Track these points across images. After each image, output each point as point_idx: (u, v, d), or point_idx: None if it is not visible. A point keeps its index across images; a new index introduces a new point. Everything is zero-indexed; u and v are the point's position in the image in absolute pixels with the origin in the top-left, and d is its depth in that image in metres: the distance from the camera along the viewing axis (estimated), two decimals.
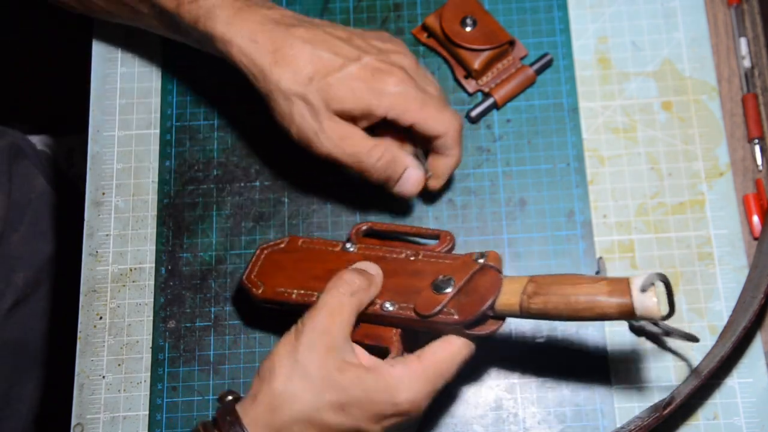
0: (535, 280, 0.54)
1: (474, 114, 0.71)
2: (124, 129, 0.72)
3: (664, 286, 0.53)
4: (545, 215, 0.68)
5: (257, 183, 0.70)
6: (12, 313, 0.84)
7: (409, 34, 0.74)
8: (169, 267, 0.68)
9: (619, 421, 0.63)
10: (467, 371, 0.64)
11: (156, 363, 0.66)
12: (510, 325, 0.66)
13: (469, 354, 0.56)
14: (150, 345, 0.66)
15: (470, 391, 0.64)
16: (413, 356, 0.54)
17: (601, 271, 0.66)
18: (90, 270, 0.68)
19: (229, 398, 0.55)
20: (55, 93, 1.24)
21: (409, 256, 0.59)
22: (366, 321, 0.58)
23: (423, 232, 0.63)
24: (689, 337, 0.62)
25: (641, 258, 0.67)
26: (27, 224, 0.87)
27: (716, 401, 0.63)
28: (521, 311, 0.54)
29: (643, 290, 0.51)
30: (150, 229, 0.69)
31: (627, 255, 0.67)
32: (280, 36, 0.60)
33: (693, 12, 0.73)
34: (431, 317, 0.55)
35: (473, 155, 0.70)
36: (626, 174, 0.69)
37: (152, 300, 0.67)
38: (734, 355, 0.64)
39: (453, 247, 0.61)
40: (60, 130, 1.21)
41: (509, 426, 0.63)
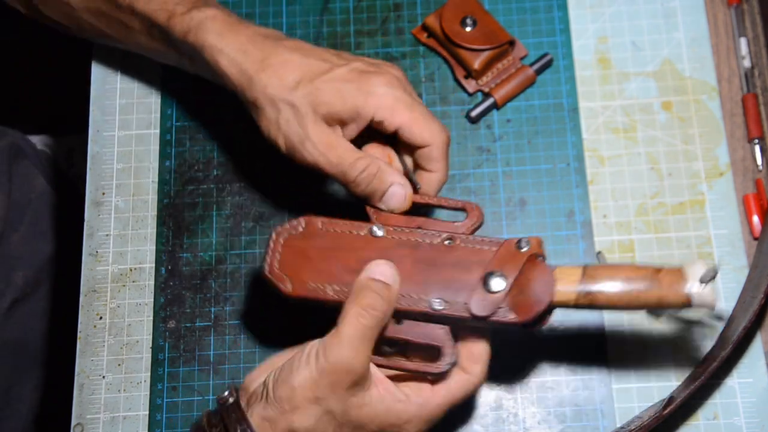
0: (589, 273, 0.54)
1: (474, 114, 0.71)
2: (124, 129, 0.72)
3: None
4: (545, 215, 0.68)
5: (257, 183, 0.70)
6: (11, 313, 0.84)
7: (409, 34, 0.74)
8: (169, 267, 0.68)
9: (619, 421, 0.63)
10: None
11: (156, 363, 0.66)
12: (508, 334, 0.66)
13: (481, 384, 0.56)
14: (150, 345, 0.66)
15: None
16: (428, 389, 0.55)
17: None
18: (90, 270, 0.68)
19: (231, 401, 0.54)
20: (55, 93, 1.24)
21: (444, 241, 0.57)
22: (411, 318, 0.56)
23: (446, 204, 0.60)
24: (719, 317, 0.62)
25: (641, 258, 0.67)
26: (27, 224, 0.87)
27: (716, 401, 0.63)
28: (576, 305, 0.54)
29: (701, 281, 0.52)
30: (150, 229, 0.69)
31: (627, 255, 0.67)
32: (269, 46, 0.60)
33: (693, 12, 0.73)
34: (488, 318, 0.54)
35: (473, 155, 0.70)
36: (626, 174, 0.69)
37: (152, 300, 0.67)
38: (734, 355, 0.64)
39: (482, 222, 0.59)
40: (60, 130, 1.21)
41: (509, 426, 0.63)
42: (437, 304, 0.55)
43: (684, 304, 0.53)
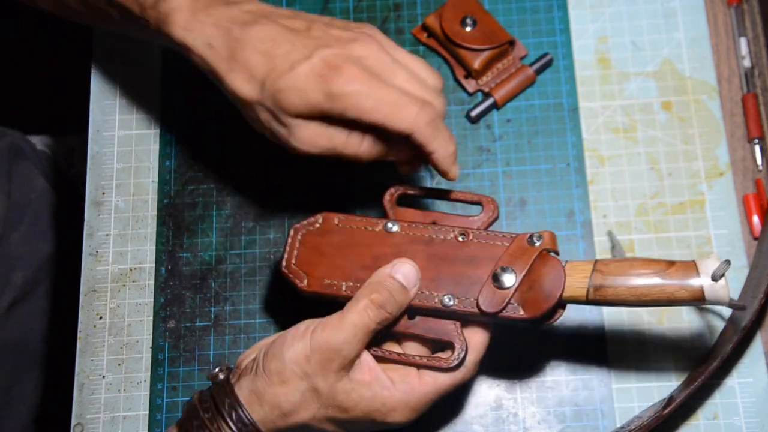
0: (600, 269, 0.54)
1: (474, 114, 0.71)
2: (124, 129, 0.72)
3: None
4: (545, 215, 0.68)
5: (257, 182, 0.70)
6: (11, 313, 0.84)
7: (409, 34, 0.74)
8: (169, 267, 0.68)
9: (619, 421, 0.63)
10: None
11: (156, 363, 0.66)
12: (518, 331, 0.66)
13: (471, 376, 0.57)
14: (150, 345, 0.66)
15: (470, 391, 0.64)
16: (415, 375, 0.55)
17: (615, 245, 0.65)
18: (90, 270, 0.68)
19: (221, 377, 0.55)
20: (55, 93, 1.24)
21: (458, 236, 0.57)
22: (422, 314, 0.56)
23: (462, 198, 0.60)
24: (739, 307, 0.61)
25: (626, 250, 0.67)
26: (27, 224, 0.87)
27: (716, 401, 0.63)
28: (587, 301, 0.54)
29: (714, 279, 0.52)
30: (150, 229, 0.69)
31: (627, 255, 0.67)
32: (235, 38, 0.56)
33: (693, 12, 0.73)
34: (497, 314, 0.54)
35: (473, 155, 0.70)
36: (626, 174, 0.69)
37: (152, 300, 0.67)
38: (734, 355, 0.64)
39: (498, 216, 0.59)
40: (60, 130, 1.21)
41: (509, 426, 0.63)
42: (448, 300, 0.55)
43: (696, 300, 0.52)
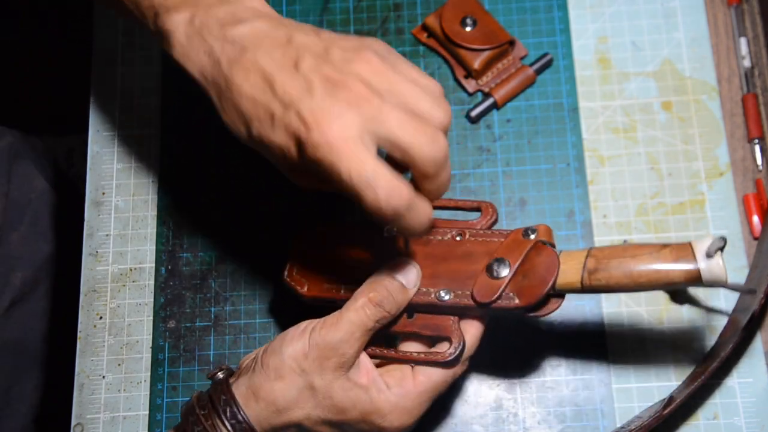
0: (594, 255, 0.53)
1: (474, 114, 0.71)
2: (124, 129, 0.72)
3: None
4: (545, 215, 0.68)
5: (257, 182, 0.70)
6: (10, 313, 0.84)
7: (409, 34, 0.74)
8: (169, 267, 0.68)
9: (619, 421, 0.63)
10: (468, 371, 0.64)
11: (156, 363, 0.66)
12: (510, 325, 0.66)
13: (462, 370, 0.57)
14: (150, 345, 0.66)
15: (470, 391, 0.64)
16: (410, 378, 0.55)
17: None
18: (90, 270, 0.68)
19: (220, 376, 0.55)
20: (55, 93, 1.25)
21: (455, 236, 0.57)
22: (421, 311, 0.56)
23: (462, 205, 0.60)
24: (750, 291, 0.61)
25: None
26: (26, 224, 0.87)
27: (716, 401, 0.63)
28: (583, 288, 0.53)
29: (709, 256, 0.50)
30: (150, 229, 0.69)
31: None
32: (224, 76, 0.52)
33: (693, 12, 0.73)
34: (491, 304, 0.54)
35: (473, 155, 0.70)
36: (626, 174, 0.69)
37: (152, 300, 0.67)
38: (734, 355, 0.64)
39: (496, 220, 0.59)
40: (60, 130, 1.21)
41: (509, 426, 0.63)
42: (444, 295, 0.55)
43: (693, 280, 0.51)
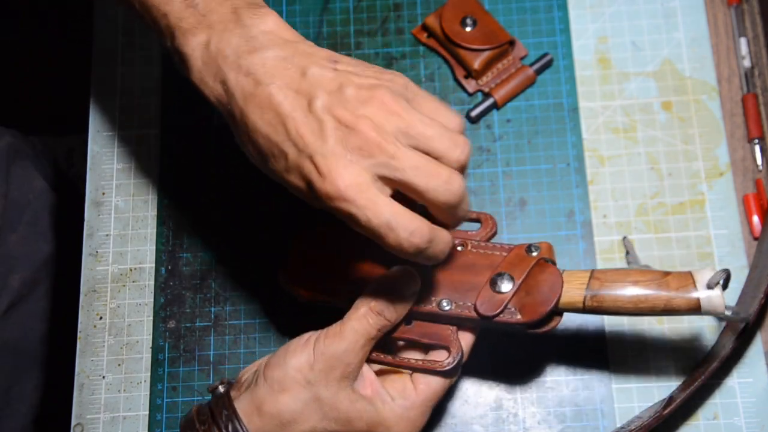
0: (597, 277, 0.54)
1: (474, 114, 0.71)
2: (124, 129, 0.72)
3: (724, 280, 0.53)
4: (545, 215, 0.68)
5: (257, 182, 0.70)
6: (9, 315, 0.84)
7: (409, 34, 0.74)
8: (169, 267, 0.68)
9: (619, 421, 0.63)
10: (468, 372, 0.64)
11: (156, 363, 0.66)
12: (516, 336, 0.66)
13: (455, 378, 0.57)
14: (150, 345, 0.66)
15: (470, 391, 0.64)
16: (411, 388, 0.55)
17: (630, 252, 0.66)
18: (90, 270, 0.68)
19: (221, 390, 0.55)
20: (55, 93, 1.25)
21: (456, 246, 0.57)
22: (420, 319, 0.56)
23: None
24: (743, 320, 0.61)
25: (641, 258, 0.67)
26: (25, 224, 0.87)
27: (716, 401, 0.63)
28: (584, 308, 0.54)
29: (710, 287, 0.52)
30: (150, 229, 0.69)
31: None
32: (239, 108, 0.51)
33: (693, 12, 0.73)
34: (494, 318, 0.55)
35: (473, 155, 0.70)
36: (626, 174, 0.69)
37: (152, 300, 0.67)
38: (734, 355, 0.64)
39: (495, 232, 0.60)
40: (60, 130, 1.21)
41: (509, 426, 0.63)
42: (446, 305, 0.55)
43: (692, 309, 0.53)
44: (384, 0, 0.75)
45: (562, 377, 0.64)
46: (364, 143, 0.48)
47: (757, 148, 0.69)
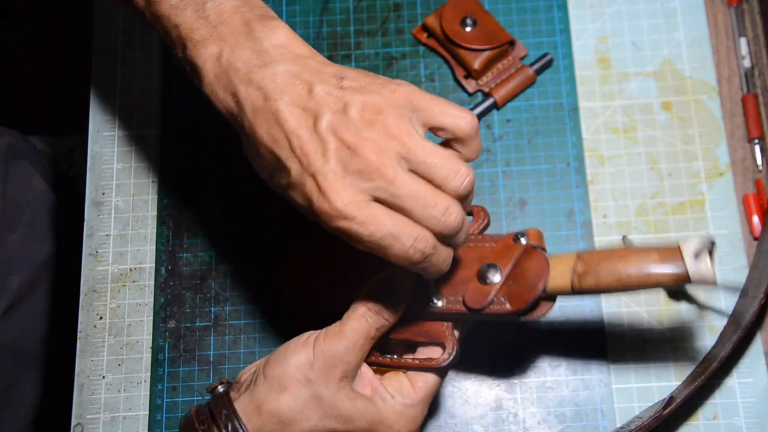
0: (583, 258, 0.54)
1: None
2: (124, 129, 0.72)
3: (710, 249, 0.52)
4: (545, 215, 0.68)
5: (258, 182, 0.70)
6: (8, 315, 0.84)
7: (409, 34, 0.74)
8: (169, 267, 0.68)
9: (619, 421, 0.63)
10: (468, 371, 0.64)
11: (156, 363, 0.66)
12: (510, 325, 0.66)
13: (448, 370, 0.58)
14: (150, 345, 0.66)
15: (470, 391, 0.64)
16: (409, 385, 0.56)
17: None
18: (90, 270, 0.68)
19: (220, 390, 0.55)
20: (55, 93, 1.25)
21: None
22: (414, 318, 0.56)
23: None
24: (738, 289, 0.61)
25: None
26: (25, 225, 0.87)
27: (716, 401, 0.63)
28: (573, 291, 0.54)
29: (696, 256, 0.51)
30: (150, 229, 0.69)
31: None
32: (250, 121, 0.51)
33: (693, 12, 0.73)
34: (482, 310, 0.54)
35: None
36: (626, 174, 0.69)
37: (152, 300, 0.67)
38: (734, 355, 0.64)
39: (488, 224, 0.59)
40: (60, 130, 1.21)
41: (509, 426, 0.63)
42: (437, 301, 0.56)
43: (682, 280, 0.51)
44: (384, 0, 0.75)
45: (562, 377, 0.64)
46: (365, 167, 0.48)
47: (757, 148, 0.69)
